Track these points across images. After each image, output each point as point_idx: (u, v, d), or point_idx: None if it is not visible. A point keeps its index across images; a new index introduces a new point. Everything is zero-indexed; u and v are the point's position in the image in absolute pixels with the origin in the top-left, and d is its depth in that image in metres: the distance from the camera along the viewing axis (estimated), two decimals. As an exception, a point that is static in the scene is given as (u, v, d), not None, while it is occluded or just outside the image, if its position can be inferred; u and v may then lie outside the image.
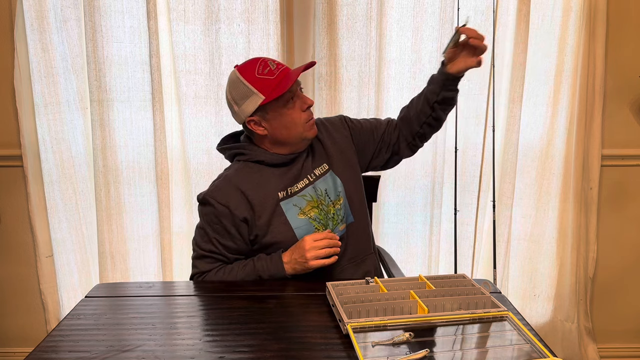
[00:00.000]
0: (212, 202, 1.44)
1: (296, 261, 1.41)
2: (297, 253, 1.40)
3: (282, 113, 1.44)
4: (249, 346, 1.08)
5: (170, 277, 2.23)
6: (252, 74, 1.43)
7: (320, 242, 1.39)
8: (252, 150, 1.51)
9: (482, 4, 2.11)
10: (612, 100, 2.23)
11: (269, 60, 1.46)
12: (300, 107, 1.46)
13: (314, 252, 1.38)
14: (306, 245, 1.39)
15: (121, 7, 2.07)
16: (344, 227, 1.54)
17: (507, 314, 1.13)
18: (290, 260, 1.42)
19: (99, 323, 1.20)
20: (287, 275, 1.43)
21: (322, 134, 1.58)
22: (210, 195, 1.45)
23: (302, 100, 1.47)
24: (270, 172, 1.49)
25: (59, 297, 2.30)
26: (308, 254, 1.38)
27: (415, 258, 2.30)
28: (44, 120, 2.14)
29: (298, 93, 1.47)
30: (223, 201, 1.43)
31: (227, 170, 1.53)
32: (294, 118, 1.45)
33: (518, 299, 2.36)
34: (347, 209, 1.55)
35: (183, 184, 2.24)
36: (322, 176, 1.53)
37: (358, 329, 1.08)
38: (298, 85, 1.48)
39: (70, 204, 2.22)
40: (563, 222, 2.30)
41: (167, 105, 2.15)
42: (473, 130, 2.21)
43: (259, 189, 1.47)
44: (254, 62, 1.45)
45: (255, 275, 1.44)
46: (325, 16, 2.08)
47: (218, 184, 1.48)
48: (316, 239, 1.40)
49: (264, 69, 1.43)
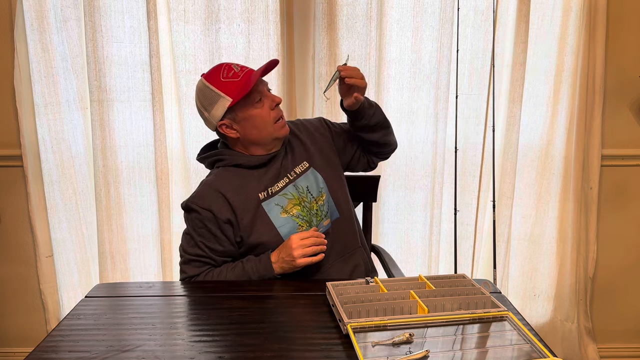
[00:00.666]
0: (196, 208, 1.46)
1: (284, 260, 1.42)
2: (285, 252, 1.42)
3: (251, 113, 1.47)
4: (248, 346, 1.08)
5: (170, 277, 2.23)
6: (218, 79, 1.46)
7: (306, 240, 1.41)
8: (229, 155, 1.53)
9: (482, 4, 2.11)
10: (612, 100, 2.23)
11: (233, 64, 1.50)
12: (269, 105, 1.48)
13: (300, 251, 1.40)
14: (293, 244, 1.40)
15: (121, 7, 2.07)
16: (329, 222, 1.56)
17: (507, 314, 1.13)
18: (277, 259, 1.43)
19: (99, 323, 1.20)
20: (275, 275, 1.44)
21: (302, 133, 1.62)
22: (193, 201, 1.48)
23: (270, 99, 1.49)
24: (249, 174, 1.51)
25: (59, 297, 2.30)
26: (295, 253, 1.40)
27: (415, 258, 2.30)
28: (44, 120, 2.14)
29: (265, 92, 1.49)
30: (206, 206, 1.46)
31: (207, 177, 1.56)
32: (263, 117, 1.47)
33: (518, 299, 2.36)
34: (331, 205, 1.57)
35: (183, 184, 2.24)
36: (303, 174, 1.56)
37: (358, 329, 1.08)
38: (265, 85, 1.51)
39: (70, 204, 2.22)
40: (563, 222, 2.30)
41: (167, 105, 2.16)
42: (473, 130, 2.21)
43: (239, 191, 1.48)
44: (219, 68, 1.49)
45: (244, 277, 1.45)
46: (325, 16, 2.08)
47: (199, 191, 1.50)
48: (302, 237, 1.41)
49: (228, 72, 1.46)
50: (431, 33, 2.12)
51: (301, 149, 1.60)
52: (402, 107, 2.19)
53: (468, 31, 2.14)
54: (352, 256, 1.60)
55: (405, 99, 2.18)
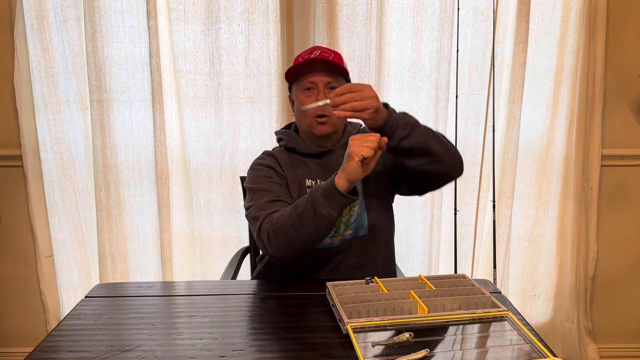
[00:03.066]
0: (261, 162, 1.54)
1: (343, 166, 1.30)
2: (345, 159, 1.31)
3: (298, 97, 1.51)
4: (249, 346, 1.08)
5: (170, 277, 2.23)
6: (298, 56, 1.54)
7: (369, 136, 1.28)
8: (289, 137, 1.58)
9: (482, 4, 2.11)
10: (612, 100, 2.23)
11: (322, 48, 1.53)
12: (314, 99, 1.47)
13: (357, 142, 1.27)
14: (351, 140, 1.29)
15: (121, 7, 2.07)
16: (351, 233, 1.51)
17: (507, 314, 1.13)
18: (340, 170, 1.31)
19: (99, 323, 1.20)
20: (336, 186, 1.28)
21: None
22: (256, 162, 1.56)
23: (318, 94, 1.47)
24: (300, 160, 1.54)
25: (59, 297, 2.29)
26: (352, 148, 1.27)
27: (415, 258, 2.30)
28: (44, 120, 2.14)
29: (320, 87, 1.48)
30: (268, 164, 1.53)
31: (268, 150, 1.63)
32: (304, 104, 1.48)
33: (518, 299, 2.36)
34: (362, 220, 1.52)
35: (183, 184, 2.24)
36: None
37: (358, 329, 1.08)
38: (325, 83, 1.48)
39: (70, 204, 2.22)
40: (563, 222, 2.30)
41: (167, 105, 2.15)
42: (473, 130, 2.21)
43: (290, 169, 1.53)
44: (309, 49, 1.56)
45: (310, 204, 1.30)
46: (325, 16, 2.08)
47: (261, 156, 1.59)
48: (363, 136, 1.30)
49: (307, 53, 1.52)
50: (431, 33, 2.12)
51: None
52: (402, 107, 2.14)
53: (468, 31, 2.14)
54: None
55: (405, 99, 2.18)
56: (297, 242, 1.34)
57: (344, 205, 1.31)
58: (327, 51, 1.52)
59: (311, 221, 1.30)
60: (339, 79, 1.51)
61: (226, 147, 2.19)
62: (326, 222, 1.30)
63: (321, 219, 1.29)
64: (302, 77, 1.49)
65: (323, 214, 1.29)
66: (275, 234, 1.34)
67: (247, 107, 2.17)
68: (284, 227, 1.33)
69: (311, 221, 1.30)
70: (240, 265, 1.80)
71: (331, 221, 1.31)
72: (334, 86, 1.48)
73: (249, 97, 2.16)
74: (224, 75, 2.13)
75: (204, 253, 2.27)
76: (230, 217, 2.24)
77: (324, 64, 1.47)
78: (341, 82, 1.51)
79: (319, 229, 1.32)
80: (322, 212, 1.29)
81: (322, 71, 1.47)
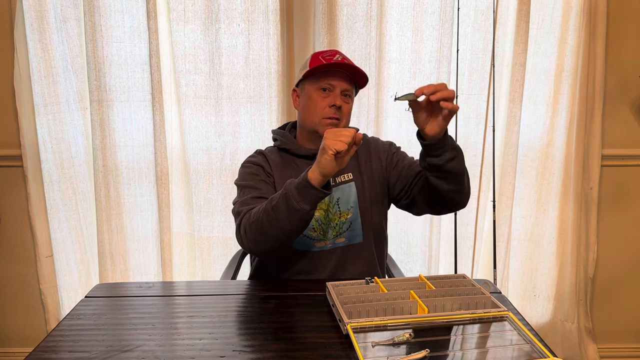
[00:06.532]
0: (251, 160, 1.56)
1: (317, 159, 1.29)
2: (319, 153, 1.30)
3: (311, 94, 1.49)
4: (249, 346, 1.08)
5: (170, 277, 2.23)
6: (319, 54, 1.52)
7: (342, 131, 1.28)
8: (283, 137, 1.58)
9: (482, 4, 2.11)
10: (612, 100, 2.23)
11: (343, 55, 1.52)
12: (330, 102, 1.47)
13: (331, 136, 1.26)
14: (326, 134, 1.28)
15: (121, 7, 2.07)
16: (343, 240, 1.52)
17: (507, 314, 1.13)
18: (315, 163, 1.30)
19: (99, 323, 1.20)
20: (309, 180, 1.28)
21: (363, 147, 1.58)
22: (247, 160, 1.59)
23: (335, 98, 1.47)
24: (291, 160, 1.55)
25: (59, 297, 2.29)
26: (326, 141, 1.26)
27: (415, 258, 2.30)
28: (44, 120, 2.14)
29: (337, 91, 1.48)
30: (257, 162, 1.55)
31: (261, 149, 1.64)
32: (316, 104, 1.48)
33: (518, 299, 2.36)
34: (356, 227, 1.52)
35: (183, 184, 2.24)
36: (342, 184, 1.53)
37: (358, 329, 1.07)
38: (343, 89, 1.49)
39: (70, 204, 2.22)
40: (563, 222, 2.30)
41: (167, 105, 2.15)
42: (473, 130, 2.21)
43: (279, 169, 1.53)
44: (330, 50, 1.55)
45: (284, 197, 1.30)
46: (325, 16, 2.08)
47: (252, 154, 1.62)
48: (338, 130, 1.29)
49: (330, 55, 1.51)
50: (431, 33, 2.12)
51: (354, 160, 1.55)
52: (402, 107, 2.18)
53: (468, 31, 2.14)
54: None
55: (405, 99, 2.18)
56: (272, 236, 1.34)
57: (316, 199, 1.31)
58: (348, 59, 1.53)
59: (284, 215, 1.31)
60: (353, 88, 1.54)
61: (226, 147, 2.19)
62: (298, 215, 1.30)
63: (294, 213, 1.30)
64: (322, 77, 1.48)
65: (296, 207, 1.29)
66: (251, 228, 1.36)
67: (247, 107, 2.17)
68: (259, 221, 1.34)
69: (284, 215, 1.31)
70: (240, 265, 1.80)
71: (304, 214, 1.31)
72: (348, 94, 1.51)
73: (248, 97, 2.16)
74: (224, 75, 2.13)
75: (204, 253, 2.27)
76: (230, 217, 2.21)
77: (353, 72, 1.49)
78: (354, 92, 1.55)
79: (292, 223, 1.32)
80: (294, 206, 1.29)
81: (344, 77, 1.49)
